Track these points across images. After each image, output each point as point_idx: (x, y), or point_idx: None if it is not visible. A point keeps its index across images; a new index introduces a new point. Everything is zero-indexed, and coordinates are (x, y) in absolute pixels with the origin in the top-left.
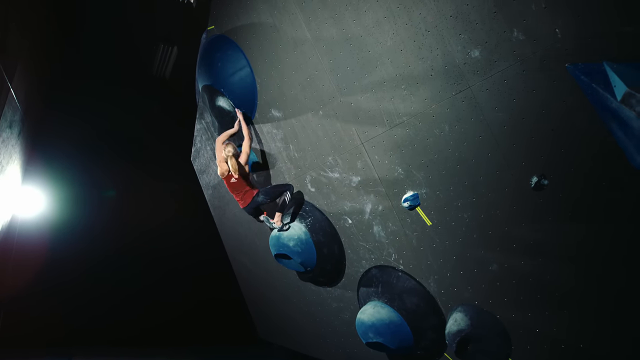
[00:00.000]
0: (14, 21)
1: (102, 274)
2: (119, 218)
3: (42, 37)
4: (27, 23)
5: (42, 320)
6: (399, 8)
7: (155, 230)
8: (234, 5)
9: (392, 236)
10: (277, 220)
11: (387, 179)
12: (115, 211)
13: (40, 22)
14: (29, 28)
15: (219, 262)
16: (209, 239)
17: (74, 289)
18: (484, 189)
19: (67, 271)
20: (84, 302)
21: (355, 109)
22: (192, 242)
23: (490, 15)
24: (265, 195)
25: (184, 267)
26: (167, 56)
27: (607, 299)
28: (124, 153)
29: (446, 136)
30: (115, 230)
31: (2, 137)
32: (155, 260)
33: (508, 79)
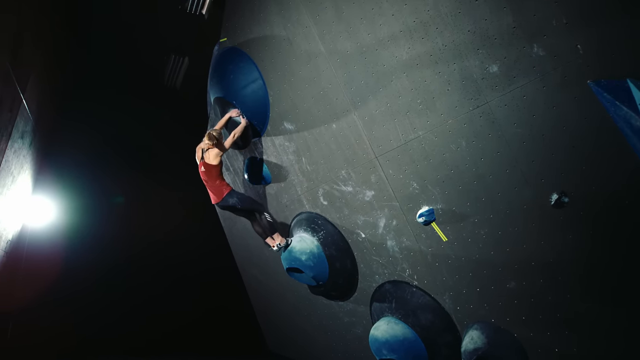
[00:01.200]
0: (28, 30)
1: (112, 282)
2: (129, 226)
3: (54, 45)
4: (41, 32)
5: (53, 330)
6: (415, 22)
7: (165, 239)
8: (246, 18)
9: (406, 251)
10: (278, 241)
11: (401, 193)
12: (125, 220)
13: (53, 30)
14: (43, 37)
15: (228, 271)
16: (218, 247)
17: (84, 298)
18: (502, 206)
19: (78, 280)
20: (94, 311)
21: (370, 122)
22: (201, 251)
23: (509, 30)
24: (238, 200)
25: (193, 276)
26: (178, 66)
27: (629, 320)
28: (134, 162)
29: (463, 151)
30: (125, 239)
31: (14, 147)
32: (165, 268)
33: (527, 95)
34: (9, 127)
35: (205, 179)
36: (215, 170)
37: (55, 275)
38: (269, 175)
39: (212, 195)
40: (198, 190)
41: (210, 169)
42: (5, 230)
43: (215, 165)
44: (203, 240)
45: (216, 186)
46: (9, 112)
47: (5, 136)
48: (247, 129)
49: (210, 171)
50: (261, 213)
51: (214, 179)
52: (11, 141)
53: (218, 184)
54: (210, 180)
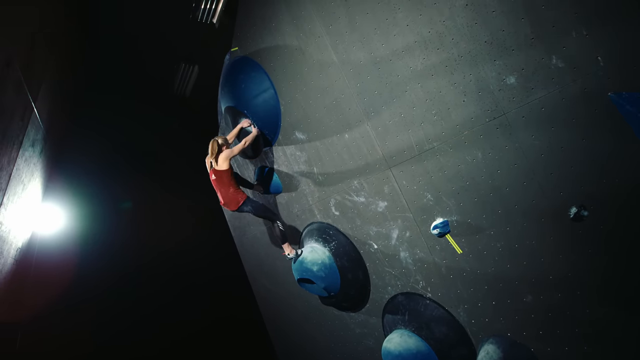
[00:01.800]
0: (41, 39)
1: (122, 290)
2: (139, 234)
3: (65, 53)
4: (52, 40)
5: (62, 338)
6: (430, 33)
7: (174, 247)
8: (258, 28)
9: (419, 263)
10: (288, 251)
11: (415, 204)
12: (135, 227)
13: (64, 38)
14: (54, 45)
15: (238, 279)
16: (227, 255)
17: (94, 306)
18: (519, 218)
19: (87, 288)
20: (104, 319)
21: (383, 133)
22: (211, 259)
23: (527, 41)
24: (252, 208)
25: (202, 284)
26: (188, 75)
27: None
28: (143, 169)
29: (479, 163)
30: (135, 247)
31: (24, 156)
32: (174, 276)
33: (546, 107)
34: (20, 136)
35: (218, 188)
36: (227, 176)
37: (65, 283)
38: (279, 184)
39: (227, 203)
40: (207, 198)
41: (221, 175)
42: (16, 238)
43: (225, 170)
44: (212, 248)
45: (230, 194)
46: (20, 121)
47: (16, 145)
48: (258, 138)
49: (221, 178)
50: (274, 222)
51: (226, 186)
52: (22, 150)
53: (232, 192)
54: (223, 187)
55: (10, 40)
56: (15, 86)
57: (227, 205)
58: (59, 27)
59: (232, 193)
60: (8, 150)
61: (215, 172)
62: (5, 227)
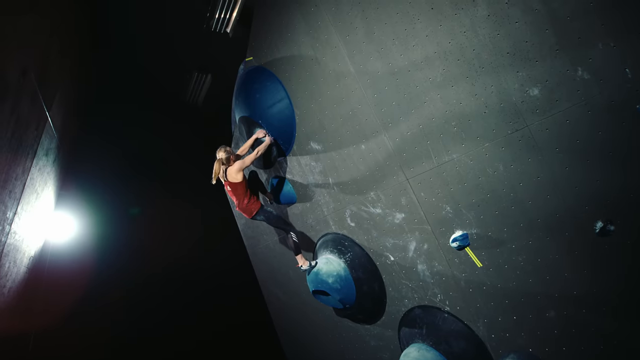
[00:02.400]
0: (56, 50)
1: (133, 298)
2: (150, 242)
3: (78, 62)
4: (66, 50)
5: (75, 346)
6: (450, 44)
7: (187, 254)
8: (274, 38)
9: (437, 276)
10: (301, 263)
11: (433, 216)
12: (147, 235)
13: (77, 48)
14: (68, 55)
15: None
16: (240, 264)
17: (106, 314)
18: (542, 233)
19: (99, 296)
20: (116, 327)
21: (401, 144)
22: (223, 267)
23: (551, 53)
24: (265, 218)
25: (214, 291)
26: (201, 84)
27: None
28: (155, 177)
29: (500, 175)
30: (147, 254)
31: (38, 165)
32: (186, 284)
33: (571, 119)
34: (34, 145)
35: (233, 198)
36: (241, 187)
37: (76, 291)
38: (294, 195)
39: (241, 211)
40: (220, 206)
41: (236, 187)
42: (29, 246)
43: (240, 182)
44: (224, 256)
45: (245, 205)
46: (35, 131)
47: (31, 154)
48: (272, 148)
49: (236, 189)
50: (287, 232)
51: (241, 197)
52: (36, 159)
53: (247, 203)
54: (238, 199)
55: (26, 51)
56: (31, 96)
57: (242, 212)
58: (71, 36)
59: (246, 204)
60: (23, 159)
61: (230, 184)
62: (19, 236)
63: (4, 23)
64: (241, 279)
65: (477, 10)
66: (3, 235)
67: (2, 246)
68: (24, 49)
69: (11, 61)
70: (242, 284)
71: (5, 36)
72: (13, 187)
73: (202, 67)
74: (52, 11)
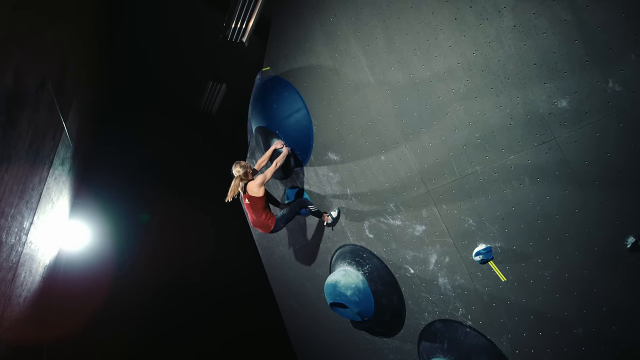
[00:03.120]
0: (74, 58)
1: (148, 306)
2: (164, 250)
3: (94, 71)
4: (83, 59)
5: (87, 355)
6: (474, 54)
7: (201, 263)
8: (291, 48)
9: (459, 290)
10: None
11: (456, 229)
12: (160, 243)
13: (93, 56)
14: (84, 64)
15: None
16: (255, 273)
17: (120, 322)
18: (570, 247)
19: (113, 305)
20: (130, 335)
21: (422, 155)
22: (238, 275)
23: (581, 64)
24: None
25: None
26: (215, 93)
27: None
28: (169, 185)
29: (526, 189)
30: (161, 263)
31: (54, 175)
32: (200, 292)
33: (601, 132)
34: (51, 155)
35: (250, 212)
36: (261, 202)
37: (90, 301)
38: None
39: (258, 227)
40: (233, 214)
41: (256, 202)
42: (44, 256)
43: (261, 197)
44: (239, 265)
45: (263, 221)
46: (52, 141)
47: (47, 164)
48: (288, 158)
49: (255, 204)
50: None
51: (259, 212)
52: (52, 169)
53: (264, 218)
54: (255, 214)
55: (45, 63)
56: (48, 107)
57: (260, 229)
58: (89, 46)
59: (264, 219)
60: (40, 169)
61: (249, 198)
62: (35, 245)
63: (25, 37)
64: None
65: (502, 20)
66: (20, 245)
67: (19, 256)
68: (44, 61)
69: (31, 73)
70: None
71: (26, 49)
72: (30, 197)
73: (217, 75)
74: (71, 23)
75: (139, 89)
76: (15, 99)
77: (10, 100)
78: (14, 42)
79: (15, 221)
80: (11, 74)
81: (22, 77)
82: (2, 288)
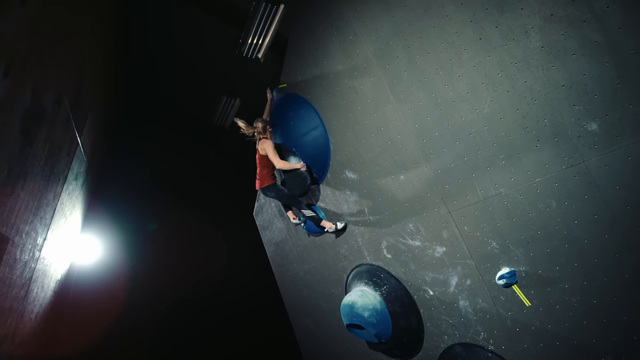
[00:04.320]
0: (91, 73)
1: (158, 321)
2: (176, 265)
3: (108, 86)
4: (98, 74)
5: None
6: (499, 75)
7: (213, 277)
8: (308, 65)
9: (481, 313)
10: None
11: (478, 252)
12: (172, 258)
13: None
14: (99, 79)
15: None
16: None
17: (130, 336)
18: (598, 273)
19: (124, 319)
20: (141, 348)
21: (444, 176)
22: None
23: (612, 87)
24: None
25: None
26: (229, 108)
27: None
28: (181, 199)
29: (553, 212)
30: (172, 277)
31: (68, 190)
32: (211, 307)
33: (633, 156)
34: (65, 171)
35: (258, 163)
36: (265, 159)
37: (100, 315)
38: None
39: (258, 180)
40: (245, 229)
41: (262, 158)
42: (56, 271)
43: (264, 156)
44: (250, 279)
45: (263, 174)
46: (66, 156)
47: (62, 180)
48: (305, 176)
49: (261, 158)
50: (300, 209)
51: (263, 166)
52: (66, 184)
53: (265, 173)
54: (260, 166)
55: (63, 79)
56: (64, 123)
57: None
58: (104, 60)
59: (264, 174)
60: (54, 185)
61: (259, 152)
62: (48, 260)
63: (44, 53)
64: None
65: (529, 41)
66: (33, 262)
67: (32, 272)
68: (61, 77)
69: (48, 90)
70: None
71: (45, 66)
72: (44, 213)
73: (231, 90)
74: (89, 37)
75: (152, 103)
76: (33, 116)
77: (28, 117)
78: (34, 60)
79: (29, 238)
80: (29, 92)
81: (41, 94)
82: (14, 305)
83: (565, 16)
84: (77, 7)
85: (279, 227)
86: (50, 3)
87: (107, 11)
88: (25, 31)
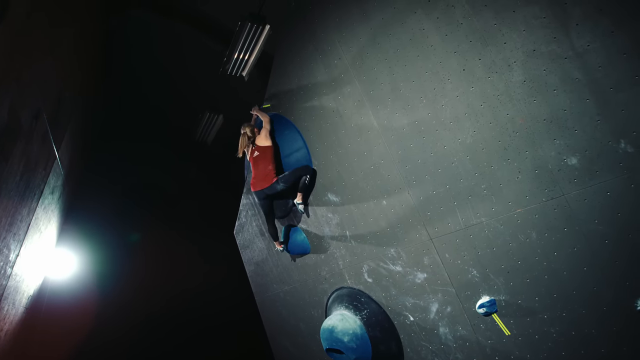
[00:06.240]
0: (70, 89)
1: (133, 336)
2: (151, 279)
3: (87, 101)
4: (77, 90)
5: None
6: (482, 106)
7: (187, 292)
8: (292, 86)
9: (461, 340)
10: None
11: (458, 279)
12: (147, 272)
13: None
14: (79, 94)
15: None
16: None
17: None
18: (577, 305)
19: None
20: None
21: (425, 203)
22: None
23: (592, 123)
24: (285, 183)
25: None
26: (212, 124)
27: None
28: (158, 214)
29: (533, 243)
30: (147, 292)
31: (44, 204)
32: (186, 322)
33: (612, 192)
34: (41, 186)
35: (258, 164)
36: (270, 150)
37: (73, 332)
38: (308, 245)
39: (260, 180)
40: (222, 243)
41: (265, 150)
42: (28, 286)
43: (270, 145)
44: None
45: (268, 171)
46: (43, 170)
47: (37, 195)
48: (287, 197)
49: (266, 153)
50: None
51: (268, 161)
52: (42, 198)
53: (270, 168)
54: (263, 163)
55: (41, 95)
56: (42, 137)
57: (260, 183)
58: (85, 75)
59: (270, 170)
60: (29, 201)
61: (258, 149)
62: (20, 277)
63: (23, 68)
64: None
65: (512, 75)
66: (4, 279)
67: (3, 290)
68: (40, 92)
69: (26, 106)
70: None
71: (23, 81)
72: (18, 229)
73: (214, 107)
74: (70, 52)
75: (133, 118)
76: (9, 132)
77: (4, 134)
78: (12, 75)
79: (1, 255)
80: (6, 108)
81: (18, 109)
82: None
83: (548, 52)
84: (59, 21)
85: (259, 246)
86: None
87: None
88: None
